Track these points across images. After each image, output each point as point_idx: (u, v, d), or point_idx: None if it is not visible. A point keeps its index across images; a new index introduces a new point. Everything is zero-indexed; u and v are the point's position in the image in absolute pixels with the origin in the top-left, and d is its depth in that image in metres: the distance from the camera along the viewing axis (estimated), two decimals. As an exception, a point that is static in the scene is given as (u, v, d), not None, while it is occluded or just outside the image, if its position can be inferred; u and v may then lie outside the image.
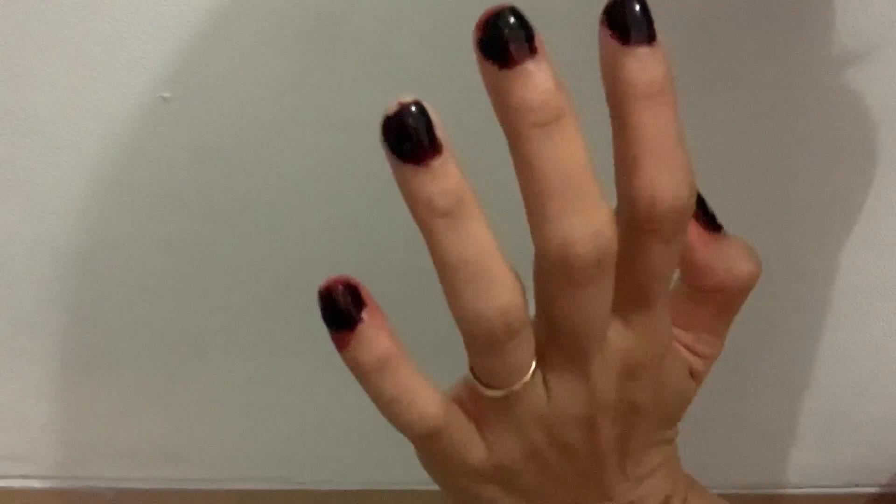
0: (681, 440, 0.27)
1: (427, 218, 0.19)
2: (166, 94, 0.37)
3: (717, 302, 0.23)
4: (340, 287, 0.21)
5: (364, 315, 0.21)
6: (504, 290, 0.19)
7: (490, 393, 0.21)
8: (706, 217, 0.23)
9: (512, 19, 0.18)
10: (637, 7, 0.19)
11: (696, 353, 0.24)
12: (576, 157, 0.18)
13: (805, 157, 0.40)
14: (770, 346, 0.48)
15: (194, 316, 0.45)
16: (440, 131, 0.19)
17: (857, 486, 0.54)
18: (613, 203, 0.20)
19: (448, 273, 0.19)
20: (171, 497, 0.53)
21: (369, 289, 0.22)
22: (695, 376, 0.24)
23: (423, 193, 0.19)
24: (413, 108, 0.18)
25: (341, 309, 0.21)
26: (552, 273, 0.19)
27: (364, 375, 0.21)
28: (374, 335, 0.21)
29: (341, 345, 0.21)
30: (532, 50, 0.18)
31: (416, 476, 0.53)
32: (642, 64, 0.18)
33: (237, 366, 0.48)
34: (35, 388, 0.48)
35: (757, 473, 0.54)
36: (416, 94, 0.18)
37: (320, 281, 0.21)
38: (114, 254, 0.43)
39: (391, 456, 0.52)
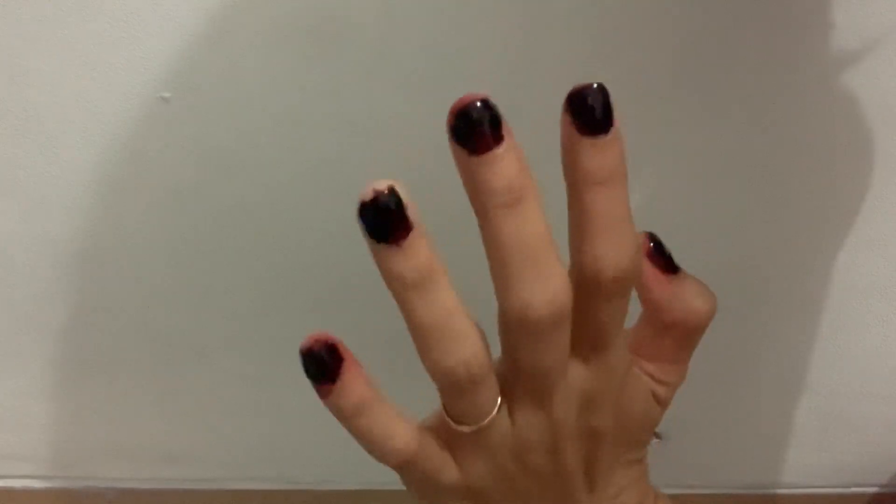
0: (681, 440, 0.27)
1: (399, 290, 0.22)
2: (166, 95, 0.37)
3: (676, 336, 0.25)
4: (321, 345, 0.24)
5: (342, 369, 0.24)
6: (466, 345, 0.22)
7: (461, 429, 0.24)
8: (663, 259, 0.25)
9: (482, 110, 0.20)
10: (598, 98, 0.20)
11: (659, 381, 0.26)
12: (535, 231, 0.21)
13: (805, 157, 0.40)
14: (770, 346, 0.48)
15: (194, 316, 0.45)
16: (411, 212, 0.21)
17: (856, 486, 0.54)
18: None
19: (418, 335, 0.22)
20: (171, 497, 0.53)
21: (369, 289, 0.23)
22: (659, 401, 0.26)
23: (396, 270, 0.21)
24: (386, 194, 0.21)
25: (322, 365, 0.24)
26: (514, 329, 0.22)
27: (344, 419, 0.24)
28: (351, 385, 0.24)
29: (323, 394, 0.24)
30: (498, 138, 0.20)
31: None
32: (596, 151, 0.21)
33: (237, 366, 0.48)
34: (36, 388, 0.48)
35: (757, 473, 0.54)
36: (389, 179, 0.21)
37: (322, 280, 0.22)
38: (114, 254, 0.43)
39: (391, 456, 0.52)
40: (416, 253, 0.21)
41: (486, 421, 0.24)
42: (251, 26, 0.36)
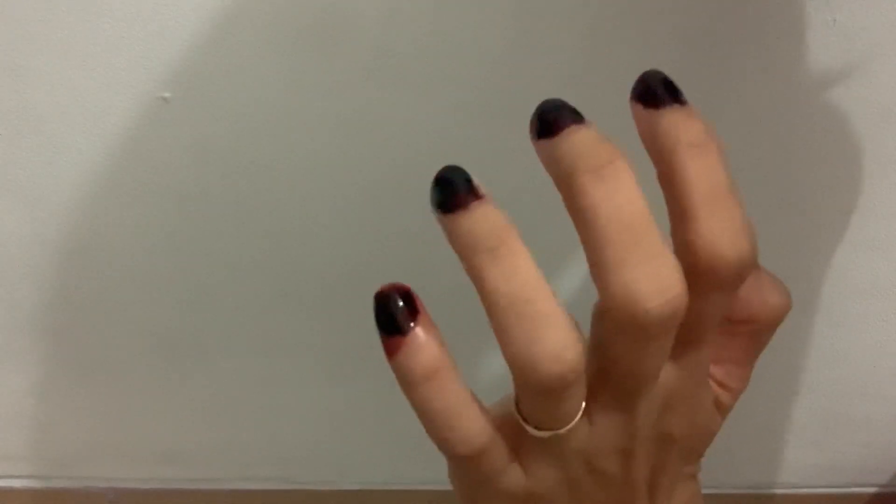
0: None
1: (469, 255, 0.19)
2: (166, 95, 0.37)
3: (747, 334, 0.23)
4: (396, 293, 0.21)
5: (417, 323, 0.21)
6: (558, 332, 0.18)
7: (536, 433, 0.21)
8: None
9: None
10: (660, 77, 0.19)
11: (724, 387, 0.24)
12: (633, 204, 0.18)
13: (805, 157, 0.40)
14: (769, 346, 0.48)
15: (195, 316, 0.45)
16: (481, 187, 0.20)
17: (856, 486, 0.54)
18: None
19: (494, 311, 0.19)
20: (171, 497, 0.53)
21: (370, 289, 0.22)
22: (721, 410, 0.24)
23: (465, 230, 0.19)
24: (454, 169, 0.20)
25: (395, 314, 0.21)
26: (617, 327, 0.19)
27: (411, 384, 0.21)
28: (425, 344, 0.20)
29: (392, 350, 0.21)
30: (578, 119, 0.19)
31: (415, 476, 0.53)
32: (678, 118, 0.19)
33: (237, 366, 0.48)
34: (35, 388, 0.48)
35: (756, 473, 0.54)
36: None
37: (322, 280, 0.21)
38: (114, 254, 0.43)
39: (391, 456, 0.52)
40: (487, 217, 0.19)
41: (567, 427, 0.21)
42: (251, 26, 0.36)
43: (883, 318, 0.46)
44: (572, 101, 0.20)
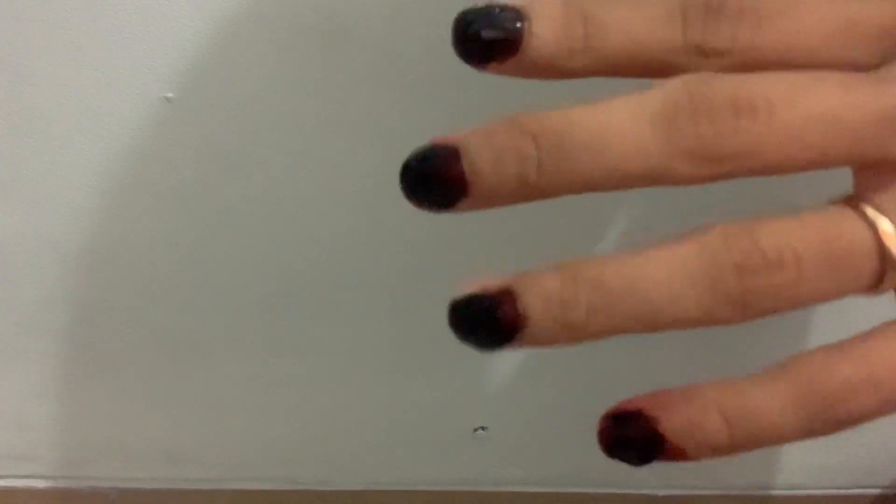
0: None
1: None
2: (170, 95, 0.37)
3: None
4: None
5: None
6: None
7: None
8: None
9: None
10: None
11: None
12: None
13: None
14: (770, 346, 0.48)
15: (197, 316, 0.45)
16: None
17: (859, 487, 0.54)
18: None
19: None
20: (173, 496, 0.53)
21: (371, 289, 0.22)
22: None
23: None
24: None
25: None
26: None
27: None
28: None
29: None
30: None
31: (416, 476, 0.53)
32: None
33: (239, 366, 0.48)
34: (38, 388, 0.48)
35: (758, 474, 0.54)
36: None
37: (322, 281, 0.21)
38: (116, 254, 0.43)
39: (391, 456, 0.52)
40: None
41: None
42: (255, 27, 0.36)
43: (883, 319, 0.46)
44: (575, 102, 0.19)
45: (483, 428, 0.50)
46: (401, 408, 0.49)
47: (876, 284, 0.19)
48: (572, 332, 0.17)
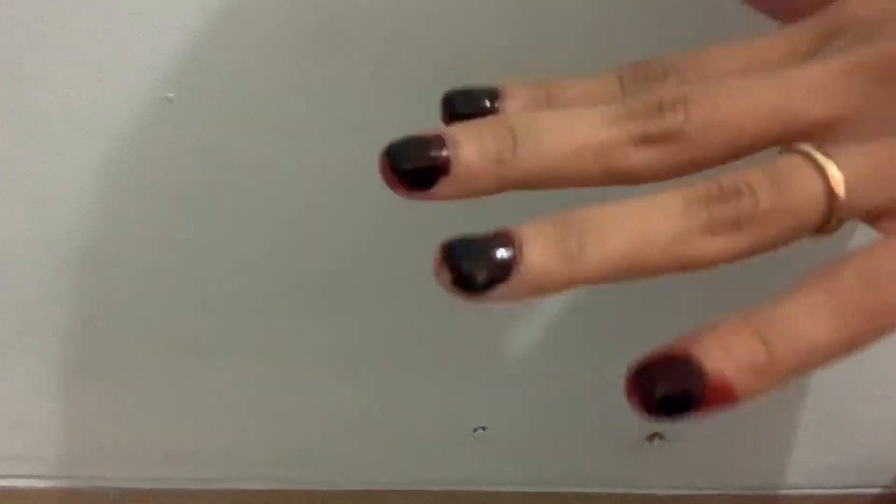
0: (683, 441, 0.27)
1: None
2: (170, 95, 0.37)
3: None
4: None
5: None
6: None
7: None
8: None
9: None
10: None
11: None
12: None
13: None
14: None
15: (197, 316, 0.45)
16: None
17: (858, 487, 0.54)
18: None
19: None
20: (173, 497, 0.53)
21: (371, 289, 0.22)
22: None
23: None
24: None
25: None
26: None
27: None
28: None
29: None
30: None
31: (416, 476, 0.53)
32: None
33: (239, 366, 0.48)
34: (39, 388, 0.48)
35: (758, 474, 0.54)
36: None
37: (322, 281, 0.21)
38: (117, 254, 0.43)
39: (391, 456, 0.52)
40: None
41: None
42: (255, 27, 0.36)
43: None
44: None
45: (483, 428, 0.50)
46: (401, 408, 0.49)
47: (823, 226, 0.20)
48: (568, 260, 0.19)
